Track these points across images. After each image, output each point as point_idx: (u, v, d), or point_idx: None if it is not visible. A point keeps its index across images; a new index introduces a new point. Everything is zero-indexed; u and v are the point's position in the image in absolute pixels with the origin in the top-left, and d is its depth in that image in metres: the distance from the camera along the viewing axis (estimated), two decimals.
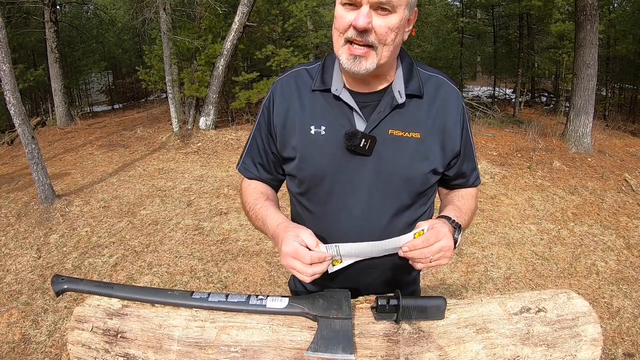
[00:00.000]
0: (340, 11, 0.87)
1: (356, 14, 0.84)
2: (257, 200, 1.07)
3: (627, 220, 4.54)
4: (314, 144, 0.98)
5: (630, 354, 2.59)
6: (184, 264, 3.53)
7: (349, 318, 0.87)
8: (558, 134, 7.32)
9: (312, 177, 1.00)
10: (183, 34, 7.66)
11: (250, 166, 1.11)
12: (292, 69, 1.07)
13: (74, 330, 0.94)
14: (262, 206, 1.04)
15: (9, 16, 10.15)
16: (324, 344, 0.84)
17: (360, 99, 0.97)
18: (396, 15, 0.85)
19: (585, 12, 6.57)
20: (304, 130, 0.99)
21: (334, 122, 0.97)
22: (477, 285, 3.31)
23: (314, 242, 0.87)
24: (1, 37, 4.11)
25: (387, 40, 0.86)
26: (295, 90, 1.02)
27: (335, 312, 0.88)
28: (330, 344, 0.84)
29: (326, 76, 0.99)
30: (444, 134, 0.99)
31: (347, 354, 0.83)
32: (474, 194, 1.14)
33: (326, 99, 0.99)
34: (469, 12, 13.59)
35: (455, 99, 1.01)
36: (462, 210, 1.03)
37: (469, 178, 1.11)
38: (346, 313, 0.88)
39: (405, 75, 0.98)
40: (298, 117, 1.00)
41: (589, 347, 0.88)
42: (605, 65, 12.33)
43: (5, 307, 3.03)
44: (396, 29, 0.86)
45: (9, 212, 4.61)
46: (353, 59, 0.88)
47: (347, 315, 0.88)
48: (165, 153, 6.81)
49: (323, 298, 0.92)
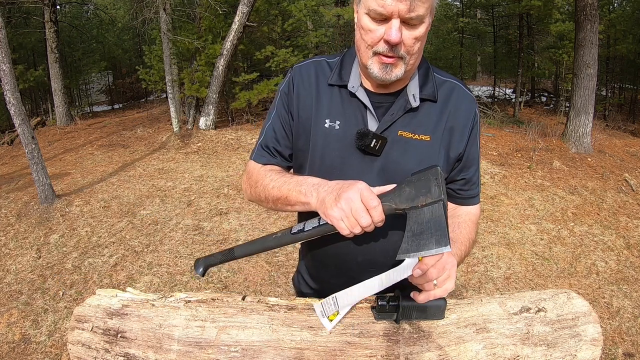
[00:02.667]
0: (368, 23, 0.85)
1: (386, 29, 0.83)
2: (281, 174, 1.01)
3: (627, 220, 4.54)
4: (326, 138, 0.98)
5: (630, 354, 2.59)
6: (184, 264, 3.53)
7: (440, 200, 0.76)
8: (558, 134, 7.33)
9: (321, 170, 0.99)
10: (183, 34, 7.66)
11: (265, 153, 1.07)
12: (313, 59, 1.06)
13: (74, 330, 0.94)
14: (290, 177, 0.98)
15: (9, 16, 10.16)
16: (414, 242, 0.75)
17: (375, 99, 0.97)
18: (423, 25, 0.85)
19: (585, 12, 6.57)
20: (319, 123, 0.99)
21: (348, 119, 0.97)
22: (477, 285, 3.31)
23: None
24: (1, 37, 4.11)
25: (414, 50, 0.87)
26: (314, 80, 1.01)
27: (423, 198, 0.78)
28: (422, 239, 0.75)
29: (344, 72, 0.99)
30: (451, 137, 0.98)
31: (442, 246, 0.73)
32: (474, 220, 1.06)
33: (342, 95, 0.99)
34: (469, 12, 13.60)
35: (469, 103, 1.00)
36: (456, 242, 0.97)
37: (468, 189, 1.06)
38: (436, 195, 0.77)
39: (421, 79, 0.97)
40: (314, 107, 1.00)
41: (589, 347, 0.88)
42: (605, 65, 12.33)
43: (5, 307, 3.03)
44: (422, 37, 0.87)
45: (9, 212, 4.61)
46: (384, 68, 0.87)
47: (438, 197, 0.76)
48: (165, 153, 6.81)
49: (409, 185, 0.81)
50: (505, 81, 15.74)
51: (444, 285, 0.81)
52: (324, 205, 0.83)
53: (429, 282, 0.80)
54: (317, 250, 1.11)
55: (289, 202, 0.94)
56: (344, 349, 0.86)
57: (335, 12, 8.46)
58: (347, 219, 0.80)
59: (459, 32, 12.92)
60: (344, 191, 0.80)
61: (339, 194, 0.81)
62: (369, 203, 0.78)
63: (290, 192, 0.93)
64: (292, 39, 9.40)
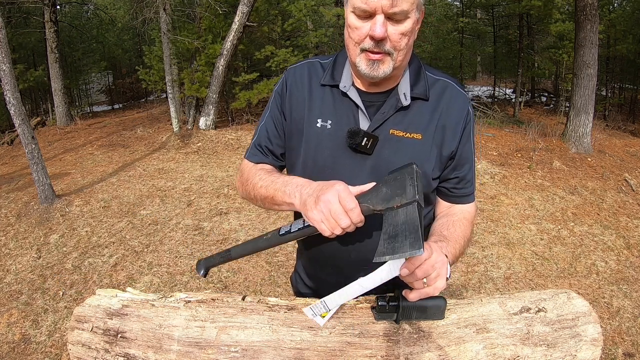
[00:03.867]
0: (354, 21, 0.87)
1: (371, 24, 0.84)
2: (270, 173, 1.02)
3: (627, 220, 4.54)
4: (319, 137, 1.00)
5: (630, 354, 2.59)
6: (184, 264, 3.53)
7: (414, 201, 0.74)
8: (558, 134, 7.32)
9: (314, 170, 1.00)
10: (183, 34, 7.66)
11: (257, 152, 1.10)
12: (307, 60, 1.08)
13: (74, 330, 0.94)
14: (277, 176, 1.00)
15: (9, 16, 10.16)
16: (389, 245, 0.73)
17: (367, 98, 0.98)
18: (409, 21, 0.86)
19: (585, 12, 6.57)
20: (311, 123, 1.00)
21: (340, 118, 0.99)
22: (477, 285, 3.31)
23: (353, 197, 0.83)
24: (1, 37, 4.11)
25: (401, 46, 0.87)
26: (307, 81, 1.03)
27: (399, 199, 0.76)
28: (397, 242, 0.72)
29: (336, 72, 1.01)
30: (443, 135, 0.98)
31: (415, 249, 0.70)
32: (469, 218, 1.05)
33: (334, 95, 1.00)
34: (469, 12, 13.59)
35: (461, 101, 1.00)
36: (450, 240, 0.95)
37: (462, 187, 1.05)
38: (410, 196, 0.74)
39: (412, 78, 0.98)
40: (307, 108, 1.01)
41: (589, 347, 0.88)
42: (605, 65, 12.33)
43: (5, 307, 3.03)
44: (409, 33, 0.87)
45: (9, 212, 4.61)
46: (372, 64, 0.88)
47: (412, 199, 0.74)
48: (165, 153, 6.81)
49: (386, 184, 0.80)
50: (505, 81, 15.73)
51: (434, 284, 0.80)
52: (305, 208, 0.84)
53: (418, 281, 0.80)
54: (313, 249, 1.12)
55: (275, 201, 0.96)
56: (344, 349, 0.86)
57: (335, 12, 8.46)
58: (327, 221, 0.81)
59: (459, 32, 12.92)
60: (323, 193, 0.81)
61: (318, 196, 0.82)
62: (346, 205, 0.79)
63: (276, 192, 0.95)
64: (292, 39, 9.40)
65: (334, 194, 0.80)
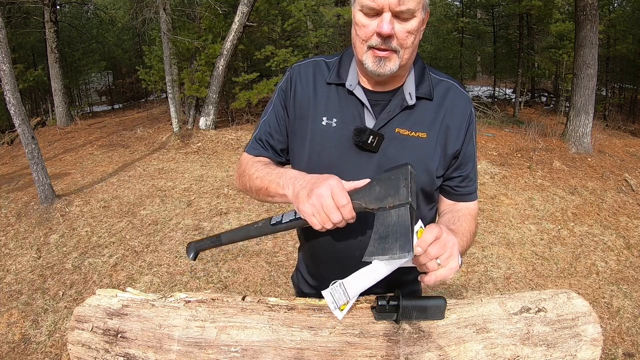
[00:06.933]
0: (361, 19, 0.88)
1: (378, 21, 0.85)
2: (266, 165, 1.03)
3: (627, 220, 4.54)
4: (324, 135, 1.00)
5: (630, 354, 2.59)
6: (184, 264, 3.53)
7: (407, 203, 0.74)
8: (558, 134, 7.33)
9: (319, 167, 1.00)
10: (183, 34, 7.66)
11: (257, 145, 1.10)
12: (311, 59, 1.08)
13: (74, 330, 0.94)
14: (273, 168, 1.00)
15: (9, 16, 10.16)
16: (380, 246, 0.74)
17: (372, 97, 0.99)
18: (415, 19, 0.87)
19: (585, 12, 6.57)
20: (316, 120, 1.01)
21: (345, 117, 0.99)
22: (477, 285, 3.31)
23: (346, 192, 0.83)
24: (1, 37, 4.11)
25: (407, 44, 0.89)
26: (312, 79, 1.04)
27: (391, 200, 0.76)
28: (387, 243, 0.73)
29: (342, 71, 1.01)
30: (447, 135, 0.99)
31: (405, 252, 0.70)
32: (472, 215, 1.07)
33: (339, 93, 1.01)
34: (469, 12, 13.59)
35: (465, 102, 1.02)
36: (458, 233, 0.96)
37: (465, 186, 1.07)
38: (403, 197, 0.74)
39: (417, 78, 1.00)
40: (312, 106, 1.02)
41: (589, 347, 0.88)
42: (605, 65, 12.33)
43: (5, 307, 3.03)
44: (415, 31, 0.89)
45: (9, 212, 4.61)
46: (378, 61, 0.89)
47: (405, 200, 0.74)
48: (165, 153, 6.81)
49: (380, 183, 0.80)
50: (505, 81, 15.73)
51: (448, 264, 0.80)
52: (297, 200, 0.85)
53: (432, 261, 0.79)
54: (315, 246, 1.12)
55: (269, 193, 0.97)
56: (344, 349, 0.86)
57: (335, 12, 8.46)
58: (318, 215, 0.81)
59: (459, 32, 12.92)
60: (316, 187, 0.82)
61: (311, 189, 0.82)
62: (339, 201, 0.80)
63: (270, 184, 0.96)
64: (292, 39, 9.41)
65: (327, 189, 0.80)
